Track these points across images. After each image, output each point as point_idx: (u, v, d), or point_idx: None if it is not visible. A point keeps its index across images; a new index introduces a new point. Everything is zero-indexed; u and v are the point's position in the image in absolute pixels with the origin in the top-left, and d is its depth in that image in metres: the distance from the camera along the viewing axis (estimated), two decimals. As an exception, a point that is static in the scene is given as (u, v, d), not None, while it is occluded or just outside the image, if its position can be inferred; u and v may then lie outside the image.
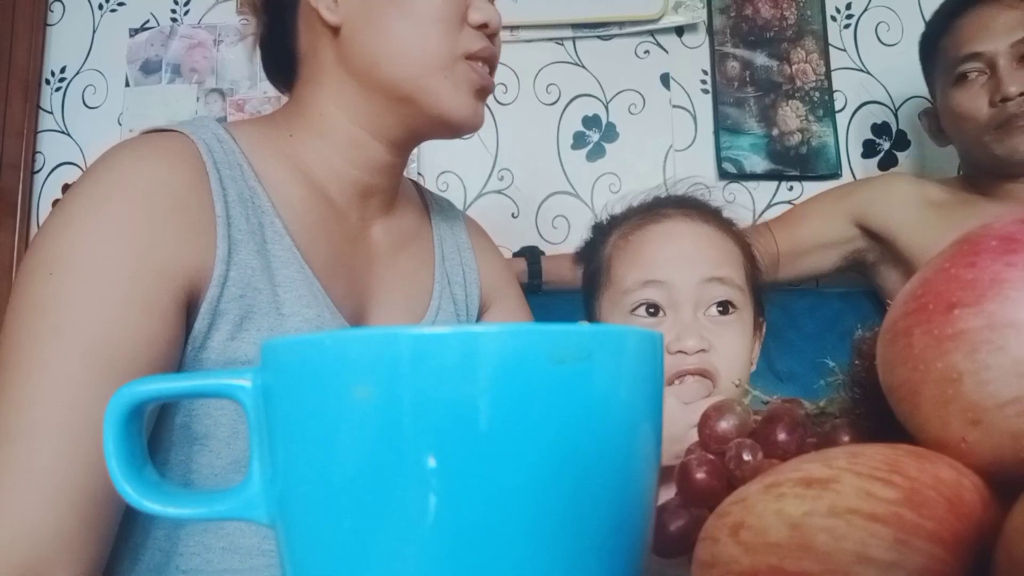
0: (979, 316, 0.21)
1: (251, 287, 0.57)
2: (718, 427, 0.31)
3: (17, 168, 1.43)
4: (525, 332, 0.20)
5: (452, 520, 0.19)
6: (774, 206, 1.34)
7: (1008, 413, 0.20)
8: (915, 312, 0.23)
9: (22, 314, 0.50)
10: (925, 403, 0.22)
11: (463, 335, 0.20)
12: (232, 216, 0.57)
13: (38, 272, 0.50)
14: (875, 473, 0.20)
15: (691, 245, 0.66)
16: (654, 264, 0.65)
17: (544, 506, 0.20)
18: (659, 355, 0.24)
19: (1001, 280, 0.21)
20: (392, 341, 0.20)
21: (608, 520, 0.21)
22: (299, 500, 0.21)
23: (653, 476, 0.24)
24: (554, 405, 0.20)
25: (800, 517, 0.20)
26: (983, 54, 0.99)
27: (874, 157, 1.35)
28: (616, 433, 0.21)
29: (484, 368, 0.20)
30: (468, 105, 0.64)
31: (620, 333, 0.22)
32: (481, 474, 0.19)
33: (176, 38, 1.46)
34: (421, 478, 0.19)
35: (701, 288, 0.63)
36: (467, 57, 0.63)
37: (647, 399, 0.23)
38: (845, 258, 1.13)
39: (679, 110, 1.37)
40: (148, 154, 0.56)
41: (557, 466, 0.20)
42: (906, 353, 0.23)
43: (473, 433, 0.19)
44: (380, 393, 0.20)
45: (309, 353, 0.21)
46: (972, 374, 0.21)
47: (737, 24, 1.37)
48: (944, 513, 0.19)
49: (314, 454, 0.21)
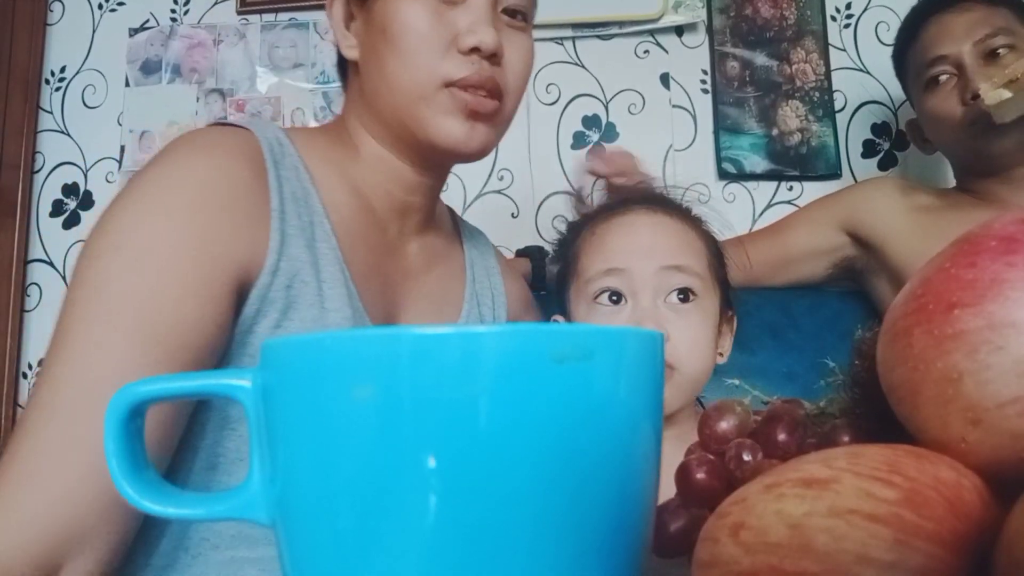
0: (979, 316, 0.21)
1: (299, 279, 0.59)
2: (718, 427, 0.31)
3: (17, 168, 1.43)
4: (526, 332, 0.20)
5: (452, 520, 0.19)
6: (774, 206, 1.34)
7: (1008, 413, 0.20)
8: (915, 312, 0.23)
9: (80, 291, 0.52)
10: (925, 403, 0.22)
11: (464, 335, 0.20)
12: (286, 211, 0.60)
13: (100, 253, 0.53)
14: (875, 473, 0.20)
15: (650, 235, 0.69)
16: (614, 253, 0.69)
17: (544, 506, 0.20)
18: (659, 355, 0.24)
19: (1001, 280, 0.21)
20: (393, 341, 0.20)
21: (608, 520, 0.21)
22: (299, 501, 0.21)
23: (653, 476, 0.24)
24: (555, 405, 0.20)
25: (800, 517, 0.20)
26: (948, 56, 1.01)
27: (874, 157, 1.35)
28: (616, 433, 0.21)
29: (485, 368, 0.19)
30: (453, 130, 0.63)
31: (621, 333, 0.22)
32: (481, 474, 0.19)
33: (176, 38, 1.46)
34: (421, 478, 0.19)
35: (660, 276, 0.66)
36: (452, 84, 0.62)
37: (647, 399, 0.23)
38: (835, 265, 1.13)
39: (679, 110, 1.37)
40: (212, 146, 0.59)
41: (557, 466, 0.20)
42: (906, 353, 0.23)
43: (473, 433, 0.19)
44: (380, 393, 0.20)
45: (309, 352, 0.21)
46: (972, 374, 0.21)
47: (737, 24, 1.37)
48: (944, 513, 0.19)
49: (313, 454, 0.21)
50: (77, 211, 1.45)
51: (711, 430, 0.31)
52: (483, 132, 0.65)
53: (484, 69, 0.62)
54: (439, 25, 0.62)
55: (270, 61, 1.44)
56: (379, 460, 0.20)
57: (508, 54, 0.65)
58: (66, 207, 1.45)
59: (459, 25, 0.62)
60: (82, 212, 1.45)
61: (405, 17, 0.62)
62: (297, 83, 1.43)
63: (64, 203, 1.45)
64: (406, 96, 0.63)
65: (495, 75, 0.63)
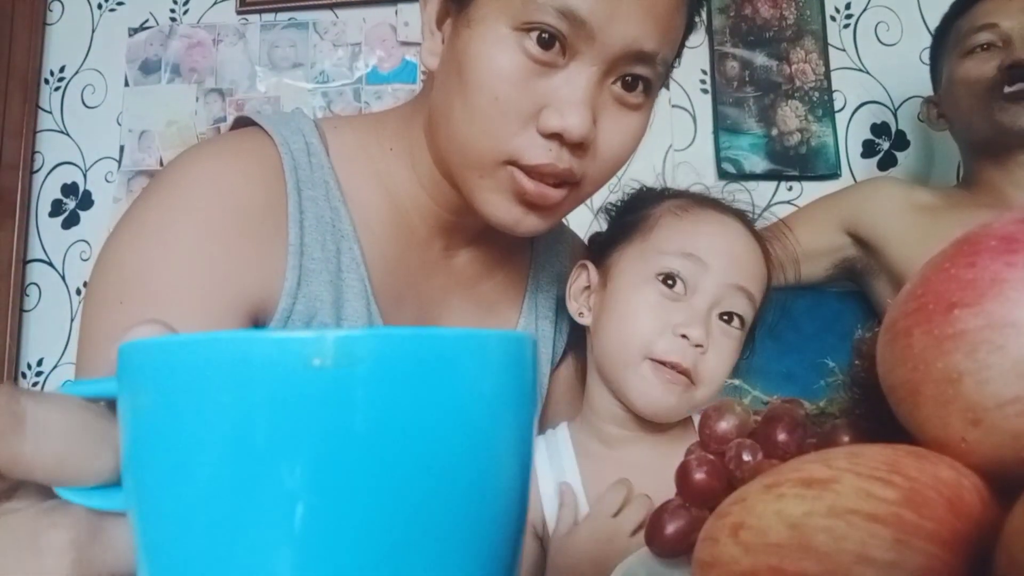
0: (979, 316, 0.21)
1: (317, 320, 0.54)
2: (718, 427, 0.31)
3: (16, 168, 1.43)
4: (280, 340, 0.19)
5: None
6: (773, 206, 1.34)
7: (1008, 413, 0.20)
8: (915, 312, 0.23)
9: (88, 346, 0.49)
10: (925, 403, 0.22)
11: (213, 340, 0.19)
12: (307, 244, 0.54)
13: (108, 296, 0.49)
14: (875, 473, 0.20)
15: (742, 248, 0.66)
16: (702, 242, 0.64)
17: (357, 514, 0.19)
18: (445, 359, 0.20)
19: (1001, 280, 0.21)
20: (165, 349, 0.20)
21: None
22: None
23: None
24: (313, 412, 0.19)
25: (800, 517, 0.20)
26: (998, 26, 1.01)
27: (873, 157, 1.35)
28: (384, 445, 0.19)
29: (246, 373, 0.19)
30: (500, 210, 0.53)
31: (391, 336, 0.20)
32: (250, 484, 0.19)
33: (175, 38, 1.46)
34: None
35: (729, 290, 0.63)
36: (516, 164, 0.51)
37: (426, 407, 0.20)
38: (836, 266, 1.13)
39: (678, 110, 1.37)
40: (224, 167, 0.53)
41: (340, 476, 0.19)
42: (906, 353, 0.23)
43: (247, 444, 0.19)
44: (157, 402, 0.20)
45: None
46: (972, 374, 0.21)
47: (736, 24, 1.37)
48: (944, 513, 0.19)
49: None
50: (76, 211, 1.45)
51: (711, 430, 0.31)
52: (535, 221, 0.55)
53: (562, 159, 0.51)
54: (525, 91, 0.50)
55: (269, 61, 1.44)
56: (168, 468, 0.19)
57: (604, 138, 0.53)
58: (65, 207, 1.45)
59: (549, 97, 0.50)
60: (81, 212, 1.45)
61: (489, 70, 0.49)
62: (296, 83, 1.43)
63: (63, 203, 1.45)
64: (461, 156, 0.53)
65: (573, 166, 0.52)
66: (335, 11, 1.44)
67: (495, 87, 0.49)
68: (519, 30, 0.49)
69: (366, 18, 1.43)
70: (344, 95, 1.42)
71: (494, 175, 0.52)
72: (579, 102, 0.49)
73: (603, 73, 0.51)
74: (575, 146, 0.51)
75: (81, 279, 1.42)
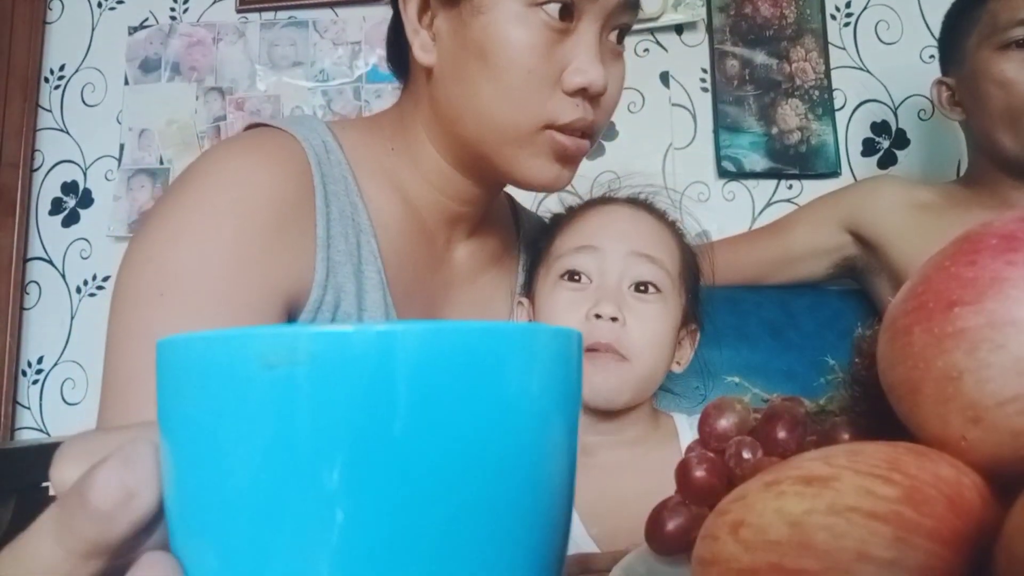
0: (979, 314, 0.21)
1: (342, 310, 0.57)
2: (718, 425, 0.31)
3: (16, 167, 1.43)
4: (230, 337, 0.19)
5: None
6: (773, 204, 1.34)
7: (1008, 411, 0.20)
8: (915, 310, 0.23)
9: (125, 338, 0.49)
10: (925, 401, 0.22)
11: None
12: (332, 236, 0.57)
13: (146, 291, 0.49)
14: (875, 471, 0.20)
15: (627, 222, 0.69)
16: (589, 231, 0.68)
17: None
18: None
19: (1002, 278, 0.21)
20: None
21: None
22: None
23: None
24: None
25: (800, 515, 0.20)
26: None
27: (873, 156, 1.35)
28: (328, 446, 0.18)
29: (202, 375, 0.19)
30: (543, 172, 0.59)
31: (338, 336, 0.19)
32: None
33: (175, 36, 1.45)
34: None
35: (629, 260, 0.66)
36: (553, 127, 0.57)
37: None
38: (836, 265, 1.12)
39: (678, 108, 1.37)
40: (257, 164, 0.55)
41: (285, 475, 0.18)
42: (906, 351, 0.23)
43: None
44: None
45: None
46: (972, 372, 0.21)
47: (737, 22, 1.37)
48: (944, 511, 0.19)
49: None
50: (76, 209, 1.45)
51: (711, 428, 0.31)
52: (569, 175, 0.61)
53: (588, 112, 0.57)
54: (550, 58, 0.55)
55: (269, 59, 1.44)
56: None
57: (608, 87, 0.59)
58: (65, 205, 1.45)
59: (567, 59, 0.56)
60: (81, 210, 1.45)
61: (516, 47, 0.54)
62: (296, 81, 1.43)
63: (63, 201, 1.45)
64: (500, 134, 0.57)
65: (593, 117, 0.59)
66: (335, 10, 1.44)
67: (526, 62, 0.55)
68: (533, 5, 0.54)
69: (366, 17, 1.43)
70: (344, 94, 1.42)
71: (533, 142, 0.57)
72: (595, 57, 0.56)
73: (602, 27, 0.57)
74: (593, 98, 0.57)
75: (81, 277, 1.42)
